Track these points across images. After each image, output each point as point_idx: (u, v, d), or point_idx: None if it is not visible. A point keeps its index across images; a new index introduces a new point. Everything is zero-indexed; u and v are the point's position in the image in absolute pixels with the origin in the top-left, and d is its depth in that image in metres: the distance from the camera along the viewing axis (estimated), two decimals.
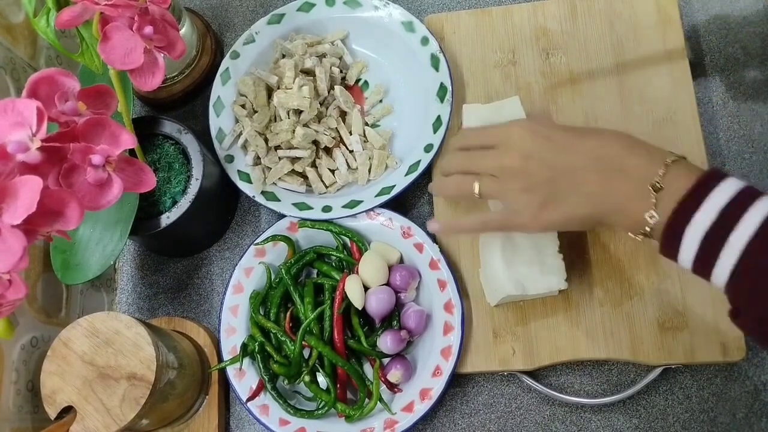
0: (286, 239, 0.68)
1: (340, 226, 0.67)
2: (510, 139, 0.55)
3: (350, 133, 0.71)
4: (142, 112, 0.80)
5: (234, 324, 0.66)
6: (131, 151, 0.57)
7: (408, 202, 0.72)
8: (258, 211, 0.75)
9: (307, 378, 0.63)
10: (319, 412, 0.62)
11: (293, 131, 0.68)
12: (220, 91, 0.72)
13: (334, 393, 0.62)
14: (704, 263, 0.46)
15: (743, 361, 0.61)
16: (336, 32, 0.75)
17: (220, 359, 0.67)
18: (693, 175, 0.48)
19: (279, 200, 0.68)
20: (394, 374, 0.62)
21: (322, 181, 0.70)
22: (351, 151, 0.71)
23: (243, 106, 0.72)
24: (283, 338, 0.64)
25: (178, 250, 0.74)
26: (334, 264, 0.68)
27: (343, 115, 0.72)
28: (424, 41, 0.71)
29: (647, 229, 0.49)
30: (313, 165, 0.71)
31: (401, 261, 0.67)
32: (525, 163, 0.54)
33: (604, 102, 0.69)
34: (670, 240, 0.48)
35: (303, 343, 0.62)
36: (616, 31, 0.71)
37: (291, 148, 0.70)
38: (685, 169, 0.49)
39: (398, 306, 0.65)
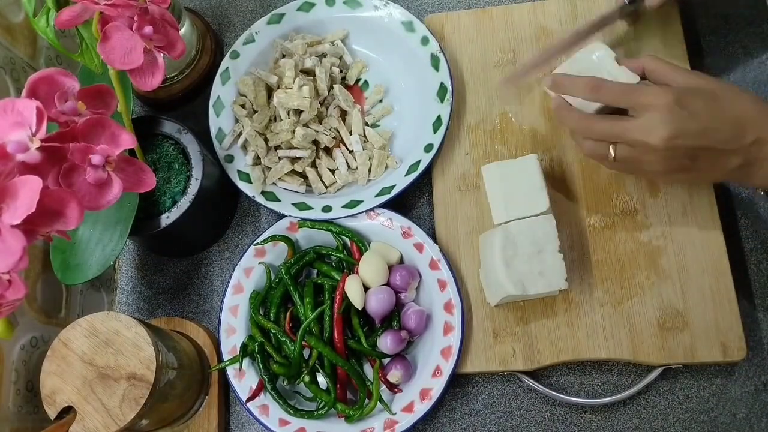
0: (286, 239, 0.68)
1: (340, 226, 0.67)
2: (653, 112, 0.54)
3: (350, 133, 0.71)
4: (142, 112, 0.80)
5: (234, 324, 0.66)
6: (131, 151, 0.57)
7: (408, 202, 0.72)
8: (258, 211, 0.75)
9: (307, 378, 0.63)
10: (319, 412, 0.62)
11: (293, 131, 0.68)
12: (220, 91, 0.72)
13: (334, 393, 0.62)
14: None
15: (743, 361, 0.61)
16: (336, 32, 0.75)
17: (220, 359, 0.67)
18: None
19: (279, 200, 0.68)
20: (394, 374, 0.62)
21: (322, 181, 0.70)
22: (351, 151, 0.71)
23: (243, 106, 0.72)
24: (283, 338, 0.64)
25: (178, 250, 0.74)
26: (334, 264, 0.68)
27: (343, 114, 0.72)
28: (424, 41, 0.71)
29: None
30: (313, 165, 0.71)
31: (401, 261, 0.67)
32: (669, 144, 0.53)
33: None
34: None
35: (303, 343, 0.62)
36: (616, 31, 0.71)
37: (291, 148, 0.70)
38: None
39: (398, 306, 0.65)
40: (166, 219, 0.63)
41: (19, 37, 0.67)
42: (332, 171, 0.71)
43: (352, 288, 0.63)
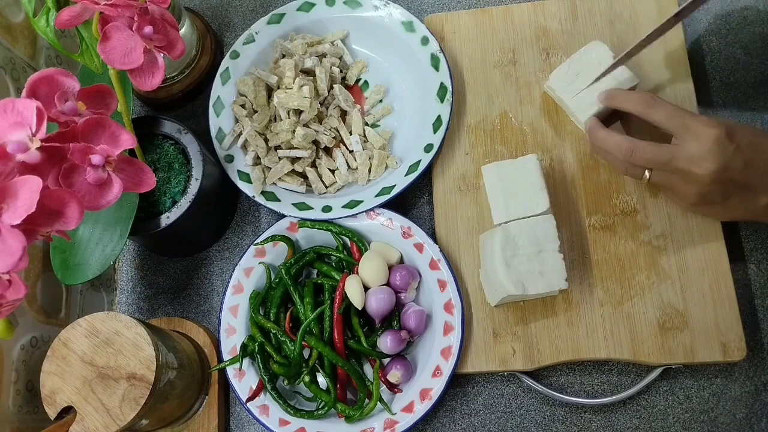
0: (286, 239, 0.68)
1: (340, 226, 0.67)
2: (702, 142, 0.54)
3: (350, 133, 0.71)
4: (142, 112, 0.80)
5: (234, 324, 0.66)
6: (131, 151, 0.57)
7: (408, 202, 0.72)
8: (258, 211, 0.75)
9: (307, 378, 0.63)
10: (319, 412, 0.62)
11: (293, 131, 0.68)
12: (220, 91, 0.72)
13: (334, 393, 0.62)
14: None
15: (743, 361, 0.61)
16: (336, 32, 0.75)
17: (220, 359, 0.67)
18: None
19: (279, 200, 0.68)
20: (394, 374, 0.62)
21: (322, 181, 0.70)
22: (351, 151, 0.71)
23: (243, 106, 0.72)
24: (283, 338, 0.64)
25: (178, 250, 0.74)
26: (334, 264, 0.68)
27: (343, 114, 0.72)
28: (424, 41, 0.71)
29: None
30: (313, 165, 0.71)
31: (401, 261, 0.67)
32: (715, 177, 0.54)
33: None
34: None
35: (303, 343, 0.62)
36: (616, 31, 0.71)
37: (291, 148, 0.70)
38: None
39: (398, 306, 0.65)
40: (166, 219, 0.63)
41: (19, 37, 0.67)
42: (332, 171, 0.71)
43: (352, 288, 0.63)
